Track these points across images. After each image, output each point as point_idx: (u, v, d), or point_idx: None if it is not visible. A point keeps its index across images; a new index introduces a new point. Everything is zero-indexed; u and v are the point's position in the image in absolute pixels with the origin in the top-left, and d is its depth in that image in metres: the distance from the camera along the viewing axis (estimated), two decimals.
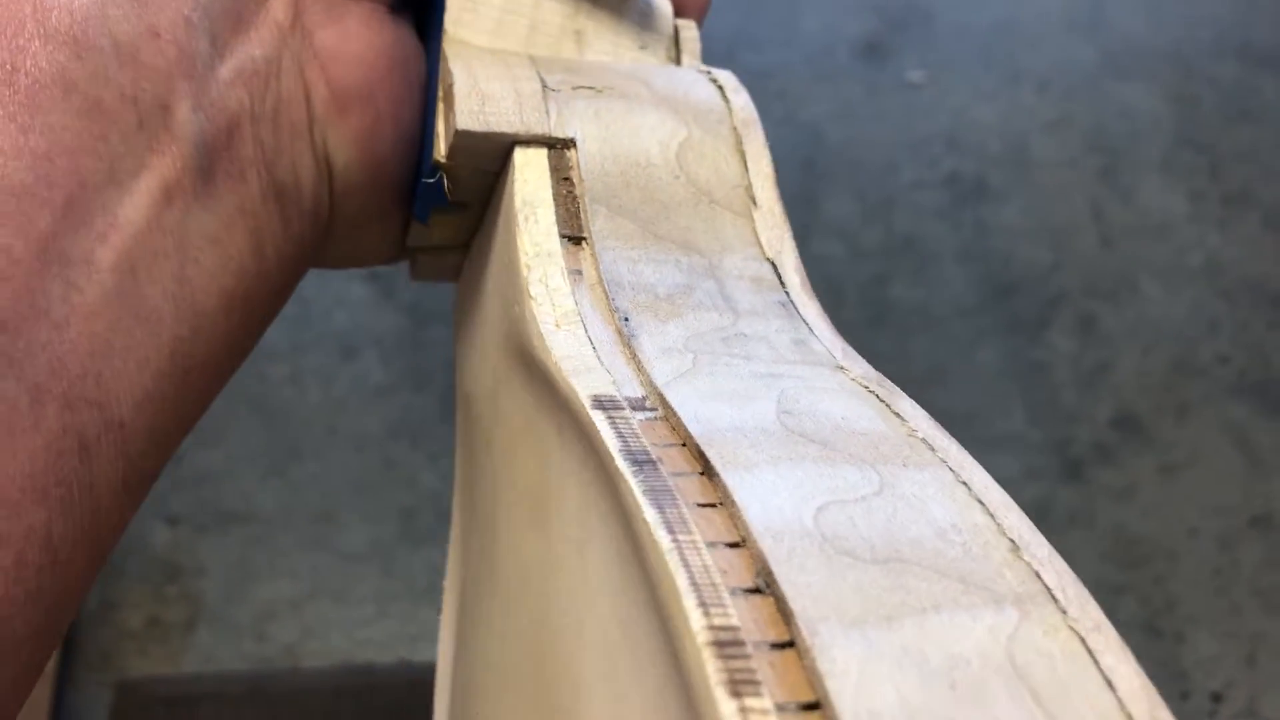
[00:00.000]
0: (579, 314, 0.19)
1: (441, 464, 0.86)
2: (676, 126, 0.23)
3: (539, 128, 0.22)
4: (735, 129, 0.23)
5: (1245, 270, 1.02)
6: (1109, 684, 0.12)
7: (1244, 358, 0.97)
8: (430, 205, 0.24)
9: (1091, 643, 0.13)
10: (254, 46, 0.22)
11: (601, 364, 0.18)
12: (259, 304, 0.22)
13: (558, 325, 0.19)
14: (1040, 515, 0.88)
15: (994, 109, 1.10)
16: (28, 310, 0.17)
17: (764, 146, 0.23)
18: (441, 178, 0.23)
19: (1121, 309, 0.99)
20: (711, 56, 0.26)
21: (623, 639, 0.14)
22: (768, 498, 0.14)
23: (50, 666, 0.75)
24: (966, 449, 0.16)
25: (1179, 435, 0.92)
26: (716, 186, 0.22)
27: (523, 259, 0.20)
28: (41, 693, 0.73)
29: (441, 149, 0.22)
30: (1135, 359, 0.96)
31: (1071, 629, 0.13)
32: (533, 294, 0.19)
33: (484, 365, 0.24)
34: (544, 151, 0.22)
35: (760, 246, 0.22)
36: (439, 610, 0.29)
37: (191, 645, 0.79)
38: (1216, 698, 0.82)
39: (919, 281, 0.99)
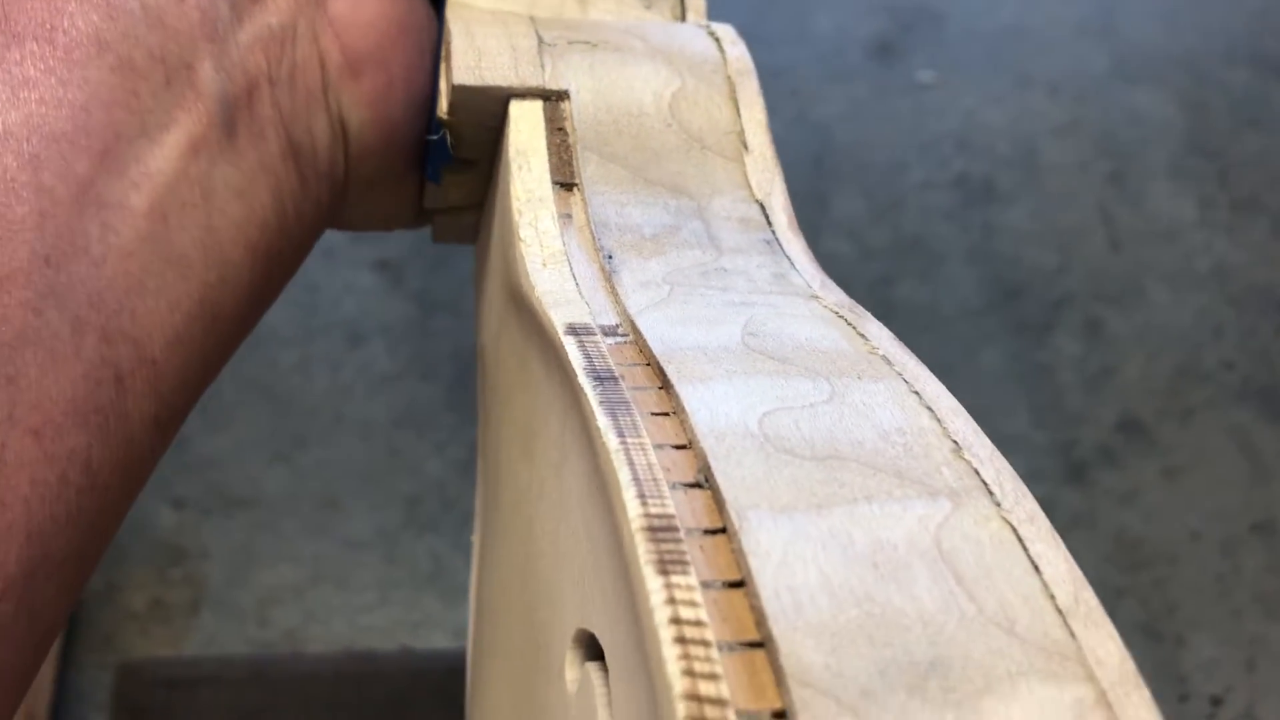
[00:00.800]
0: (565, 254, 0.20)
1: (447, 452, 0.87)
2: (670, 76, 0.24)
3: (533, 80, 0.23)
4: (730, 78, 0.24)
5: (1253, 276, 1.02)
6: (1035, 568, 0.13)
7: (1249, 363, 0.97)
8: (440, 164, 0.25)
9: (1023, 532, 0.13)
10: (271, 14, 0.23)
11: (582, 297, 0.19)
12: (280, 258, 0.23)
13: (544, 264, 0.20)
14: None
15: (1004, 111, 1.11)
16: (69, 247, 0.19)
17: (758, 94, 0.24)
18: (445, 134, 0.24)
19: (1128, 313, 0.99)
20: None
21: (588, 546, 0.15)
22: (716, 405, 0.15)
23: (54, 648, 0.75)
24: None
25: (1183, 440, 0.92)
26: (708, 133, 0.23)
27: (515, 205, 0.21)
28: (43, 673, 0.73)
29: (443, 105, 0.23)
30: (1141, 363, 0.96)
31: (1004, 519, 0.13)
32: (522, 236, 0.20)
33: (490, 313, 0.25)
34: (539, 104, 0.23)
35: (750, 189, 0.23)
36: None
37: (194, 628, 0.79)
38: (1216, 701, 0.82)
39: (926, 282, 1.00)
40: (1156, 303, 1.00)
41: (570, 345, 0.17)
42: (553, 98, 0.23)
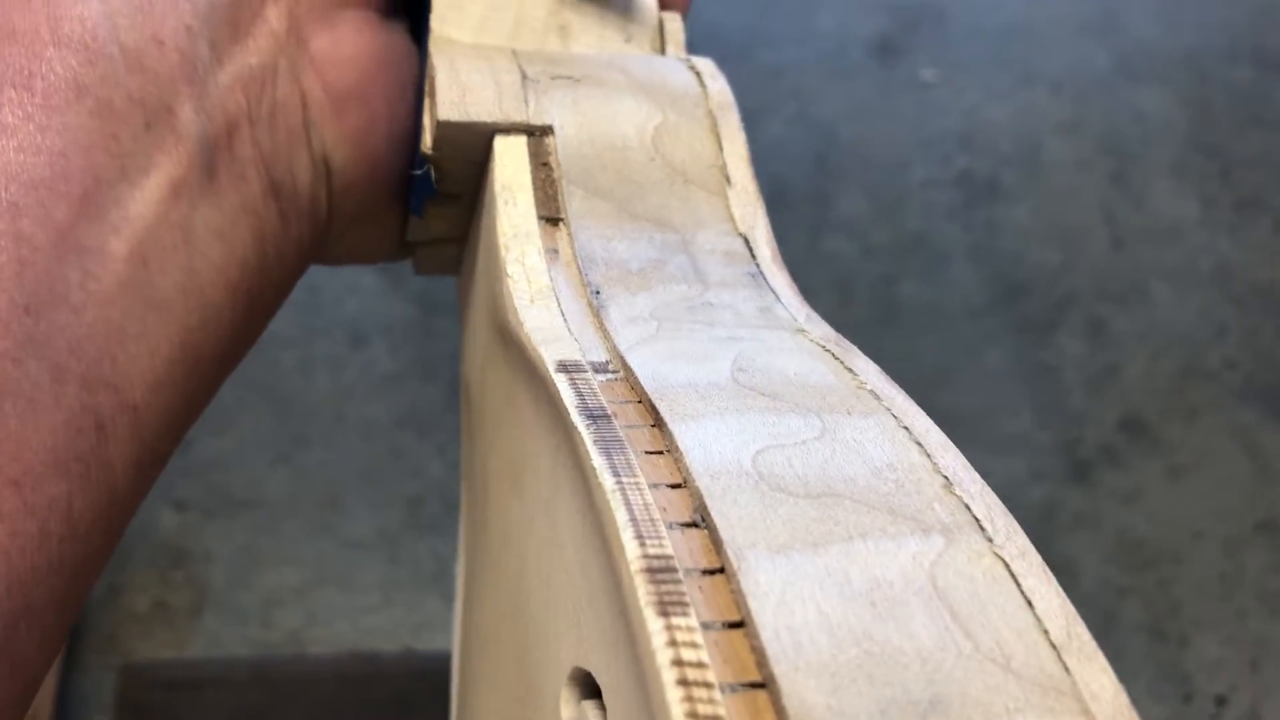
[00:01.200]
0: (553, 289, 0.20)
1: (448, 453, 0.86)
2: (653, 111, 0.24)
3: (517, 116, 0.23)
4: (711, 112, 0.24)
5: (1255, 275, 1.02)
6: (1028, 603, 0.13)
7: (1252, 363, 0.97)
8: (423, 198, 0.25)
9: (1015, 568, 0.13)
10: (251, 54, 0.23)
11: (571, 334, 0.19)
12: (262, 298, 0.23)
13: (532, 300, 0.20)
14: (1046, 517, 0.88)
15: (1006, 110, 1.10)
16: (48, 295, 0.18)
17: (739, 128, 0.24)
18: (429, 169, 0.24)
19: (1131, 312, 0.99)
20: (727, 53, 0.26)
21: (583, 583, 0.15)
22: (709, 443, 0.15)
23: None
24: (973, 451, 0.16)
25: (1186, 439, 0.92)
26: (691, 167, 0.23)
27: (501, 240, 0.21)
28: (49, 676, 0.73)
29: (427, 141, 0.23)
30: (1144, 362, 0.96)
31: (996, 555, 0.13)
32: (509, 272, 0.20)
33: (475, 346, 0.25)
34: (523, 139, 0.23)
35: (734, 222, 0.23)
36: (453, 593, 0.30)
37: (197, 630, 0.79)
38: (1220, 701, 0.82)
39: (929, 281, 0.99)
40: (1159, 302, 1.00)
41: (562, 382, 0.17)
42: (537, 133, 0.23)
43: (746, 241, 0.22)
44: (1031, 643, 0.12)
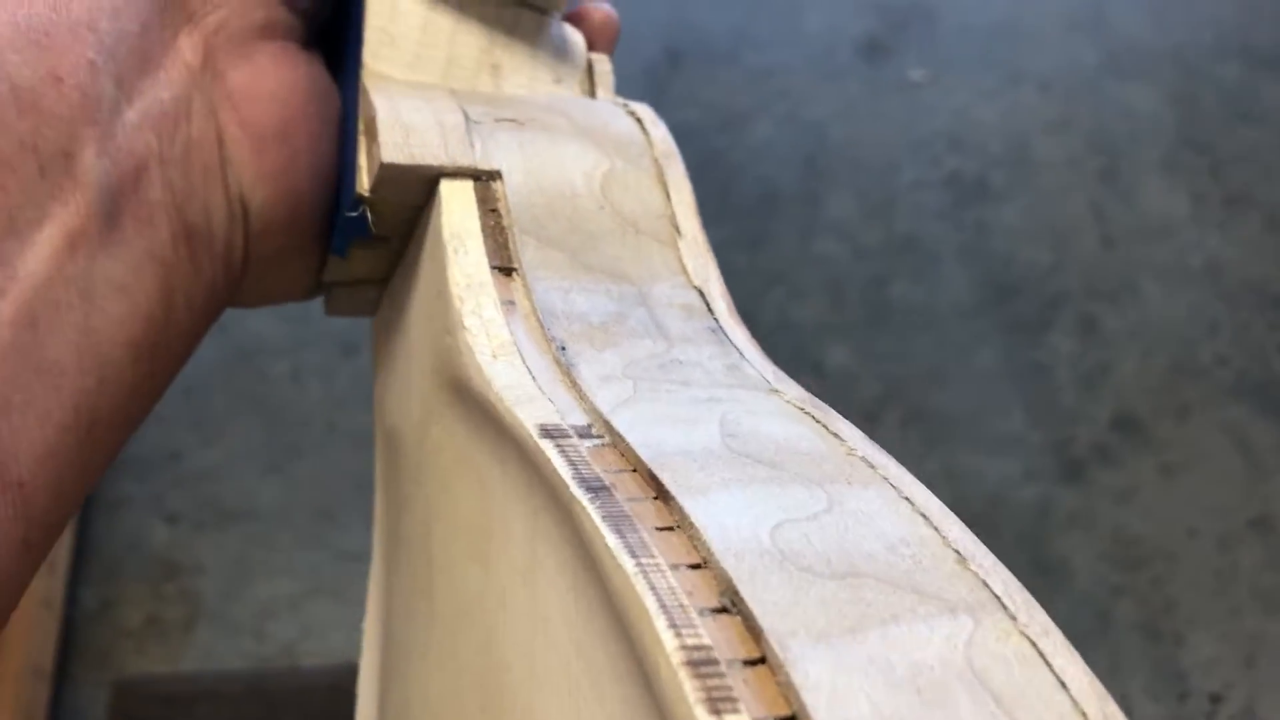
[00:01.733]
0: (515, 344, 0.19)
1: None
2: (599, 158, 0.23)
3: (464, 160, 0.22)
4: (656, 160, 0.24)
5: (1245, 272, 1.02)
6: (1062, 684, 0.13)
7: (1244, 359, 0.97)
8: (350, 239, 0.24)
9: (1042, 646, 0.13)
10: (162, 89, 0.21)
11: (543, 393, 0.18)
12: (168, 352, 0.22)
13: (494, 356, 0.19)
14: (1040, 516, 0.88)
15: (995, 109, 1.10)
16: None
17: (684, 177, 0.24)
18: (364, 211, 0.23)
19: (1122, 310, 0.99)
20: (713, 54, 0.26)
21: (580, 666, 0.15)
22: (724, 519, 0.14)
23: (48, 665, 0.75)
24: (966, 449, 0.16)
25: (1178, 436, 0.92)
26: (641, 217, 0.23)
27: (455, 290, 0.20)
28: (40, 691, 0.73)
29: (365, 182, 0.22)
30: (1135, 360, 0.96)
31: (1022, 634, 0.13)
32: (467, 325, 0.19)
33: (411, 398, 0.23)
34: (470, 184, 0.22)
35: (687, 274, 0.22)
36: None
37: (190, 644, 0.78)
38: (1215, 699, 0.82)
39: (920, 281, 0.99)
40: (1150, 299, 1.00)
41: (550, 450, 0.16)
42: (484, 178, 0.22)
43: (702, 294, 0.22)
44: None
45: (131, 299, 0.20)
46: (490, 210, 0.22)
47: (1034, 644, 0.13)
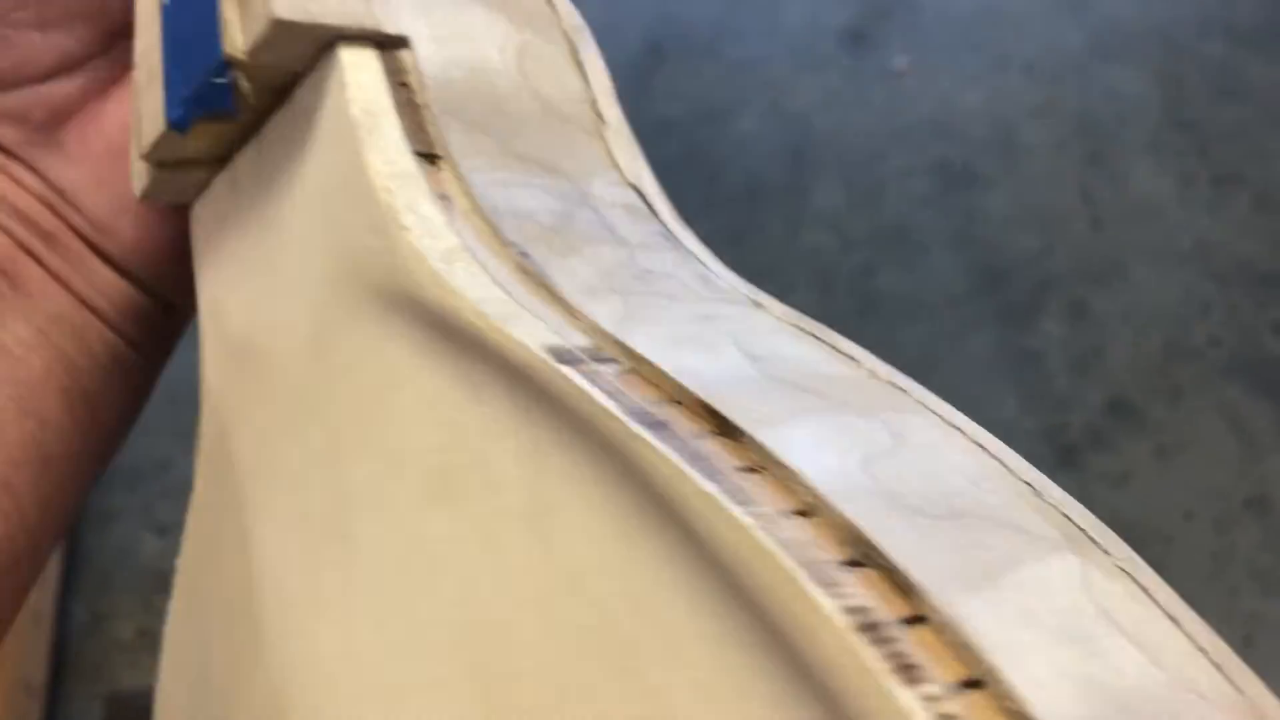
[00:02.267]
0: (466, 248, 0.16)
1: None
2: (509, 29, 0.20)
3: (367, 21, 0.18)
4: (566, 34, 0.21)
5: (1235, 251, 1.01)
6: (1172, 618, 0.12)
7: (1236, 339, 0.96)
8: (202, 112, 0.20)
9: (1142, 581, 0.12)
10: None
11: (524, 308, 0.15)
12: (105, 398, 0.23)
13: (449, 263, 0.16)
14: None
15: (980, 94, 1.10)
16: None
17: (598, 56, 0.21)
18: (235, 79, 0.19)
19: (1112, 293, 0.98)
20: (694, 48, 0.24)
21: (638, 624, 0.12)
22: (810, 456, 0.12)
23: (40, 679, 0.74)
24: None
25: (1172, 418, 0.92)
26: (562, 101, 0.20)
27: (379, 181, 0.17)
28: (31, 706, 0.72)
29: (239, 42, 0.18)
30: (1127, 343, 0.96)
31: (1119, 568, 0.12)
32: (405, 224, 0.16)
33: (292, 306, 0.20)
34: (373, 51, 0.18)
35: (620, 170, 0.19)
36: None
37: None
38: None
39: (909, 270, 0.99)
40: (1140, 282, 0.99)
41: (578, 380, 0.13)
42: (389, 44, 0.18)
43: (640, 193, 0.19)
44: (1203, 666, 0.11)
45: (48, 354, 0.22)
46: (400, 84, 0.18)
47: (1133, 578, 0.12)
